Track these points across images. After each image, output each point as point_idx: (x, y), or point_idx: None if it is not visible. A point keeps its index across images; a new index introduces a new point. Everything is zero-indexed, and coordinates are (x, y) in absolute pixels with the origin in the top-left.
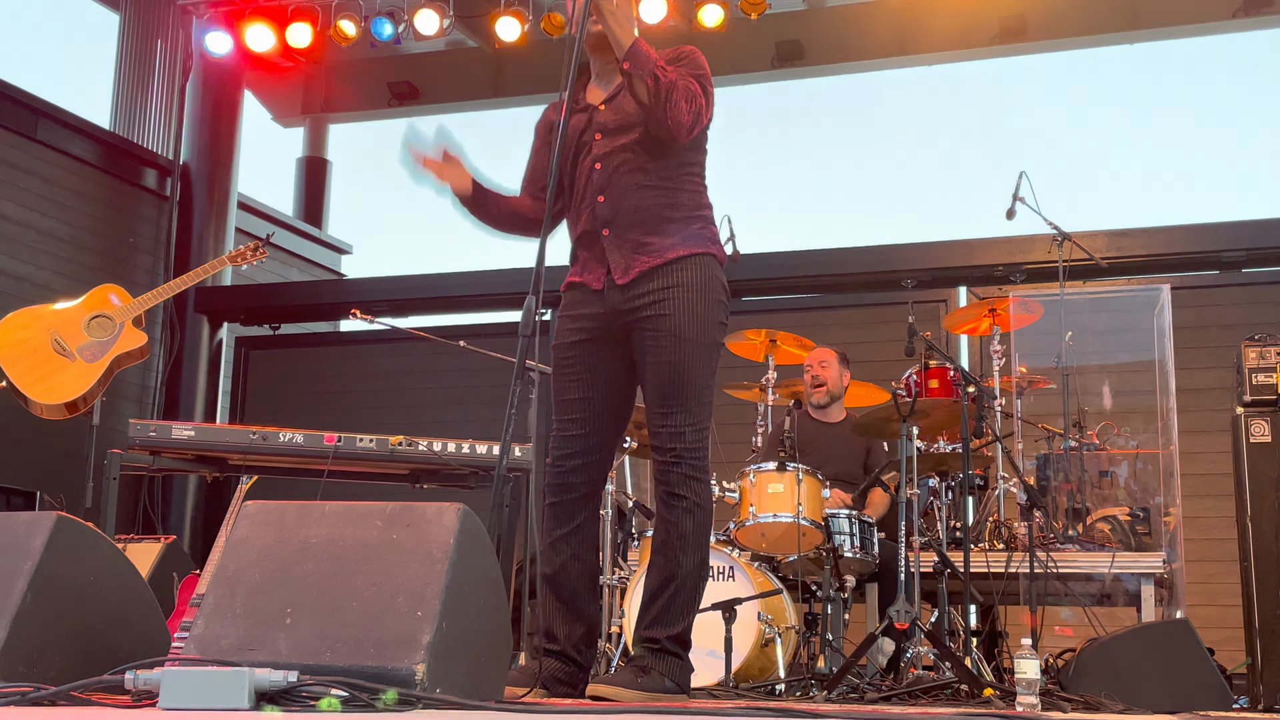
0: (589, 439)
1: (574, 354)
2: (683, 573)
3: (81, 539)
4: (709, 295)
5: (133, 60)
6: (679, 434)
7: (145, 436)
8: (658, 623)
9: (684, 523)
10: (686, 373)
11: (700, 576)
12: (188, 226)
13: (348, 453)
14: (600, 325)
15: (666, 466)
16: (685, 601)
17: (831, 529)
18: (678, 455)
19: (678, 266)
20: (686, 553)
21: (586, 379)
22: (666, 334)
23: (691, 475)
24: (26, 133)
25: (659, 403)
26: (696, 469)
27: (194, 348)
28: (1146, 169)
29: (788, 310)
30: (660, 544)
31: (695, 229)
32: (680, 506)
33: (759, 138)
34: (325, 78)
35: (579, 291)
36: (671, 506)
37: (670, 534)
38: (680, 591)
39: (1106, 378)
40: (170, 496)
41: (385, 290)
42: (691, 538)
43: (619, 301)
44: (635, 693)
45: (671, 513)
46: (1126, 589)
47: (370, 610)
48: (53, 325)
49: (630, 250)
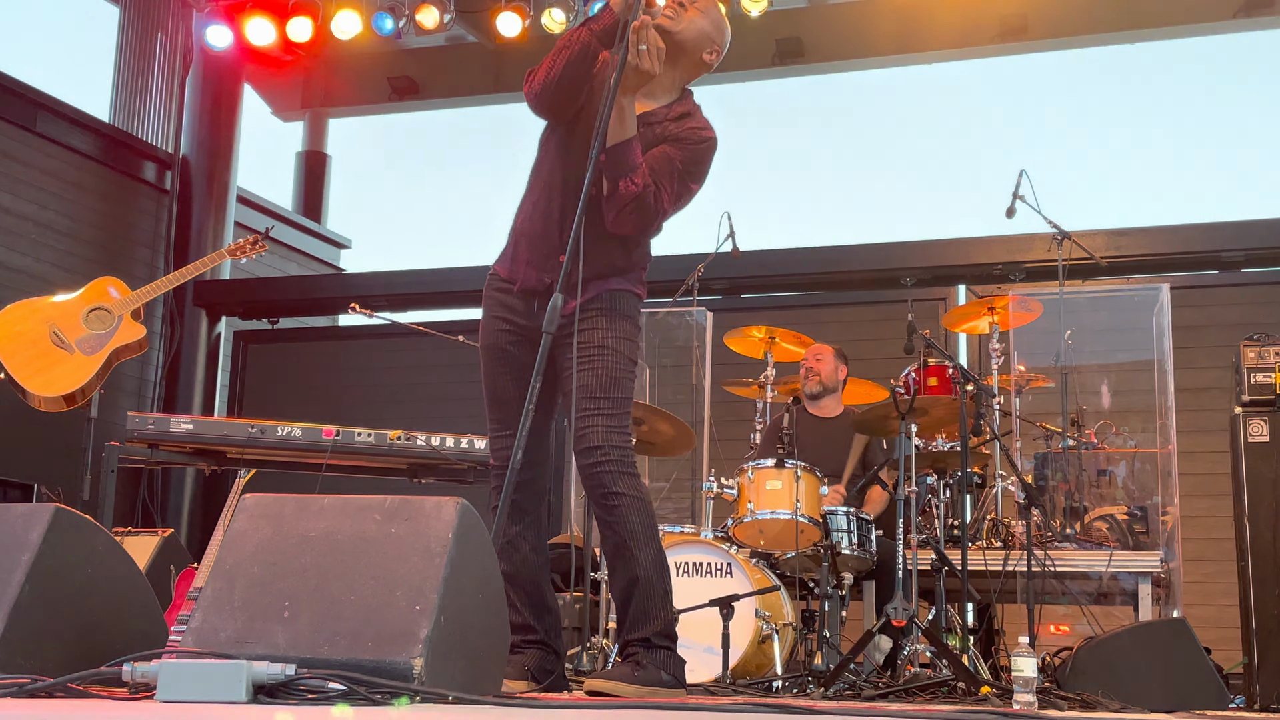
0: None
1: (507, 353)
2: (644, 570)
3: (79, 531)
4: (627, 323)
5: (132, 53)
6: (606, 433)
7: (143, 429)
8: (638, 624)
9: (630, 520)
10: (612, 377)
11: (662, 567)
12: (187, 220)
13: (346, 447)
14: (528, 330)
15: (597, 466)
16: (656, 597)
17: (829, 526)
18: (607, 454)
19: (606, 298)
20: (642, 549)
21: (511, 379)
22: (594, 346)
23: (625, 472)
24: (26, 125)
25: (585, 406)
26: (627, 464)
27: (193, 341)
28: (1146, 168)
29: (787, 308)
30: (613, 548)
31: (635, 274)
32: (621, 504)
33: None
34: (325, 72)
35: (508, 291)
36: (612, 507)
37: (620, 534)
38: (648, 588)
39: (1105, 377)
40: (168, 489)
41: (384, 285)
42: (642, 533)
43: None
44: (634, 686)
45: (613, 514)
46: (1124, 588)
47: (368, 604)
48: (51, 318)
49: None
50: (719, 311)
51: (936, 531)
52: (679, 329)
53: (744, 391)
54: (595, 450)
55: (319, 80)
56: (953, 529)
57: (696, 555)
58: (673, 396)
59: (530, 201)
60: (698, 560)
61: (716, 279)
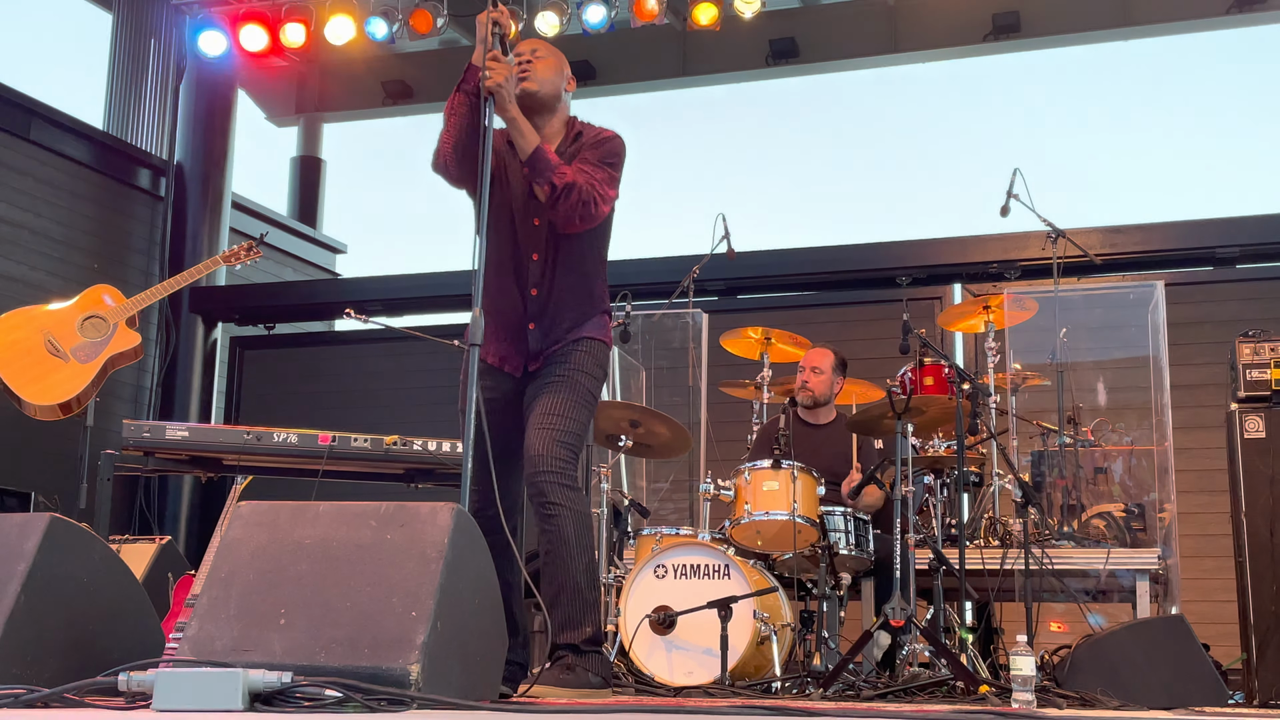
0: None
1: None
2: (573, 578)
3: (75, 540)
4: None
5: (126, 60)
6: (551, 446)
7: (139, 437)
8: (565, 629)
9: (565, 529)
10: (565, 400)
11: (593, 576)
12: (182, 226)
13: (343, 452)
14: (510, 397)
15: (537, 475)
16: (584, 603)
17: (827, 526)
18: (548, 465)
19: (575, 347)
20: (573, 558)
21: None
22: (556, 376)
23: (564, 483)
24: (20, 133)
25: (536, 422)
26: (567, 477)
27: (188, 348)
28: (1140, 165)
29: (782, 308)
30: (546, 554)
31: (598, 319)
32: (557, 514)
33: (753, 135)
34: (319, 77)
35: (493, 372)
36: (549, 515)
37: (554, 542)
38: (577, 595)
39: (1101, 374)
40: (166, 497)
41: (380, 290)
42: (574, 542)
43: (523, 378)
44: (565, 690)
45: (550, 522)
46: (1122, 585)
47: (364, 610)
48: (46, 326)
49: (547, 340)
50: (715, 313)
51: (934, 531)
52: (675, 331)
53: (740, 393)
54: (537, 459)
55: (313, 85)
56: (950, 528)
57: (694, 557)
58: (669, 398)
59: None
60: (695, 562)
61: (712, 280)
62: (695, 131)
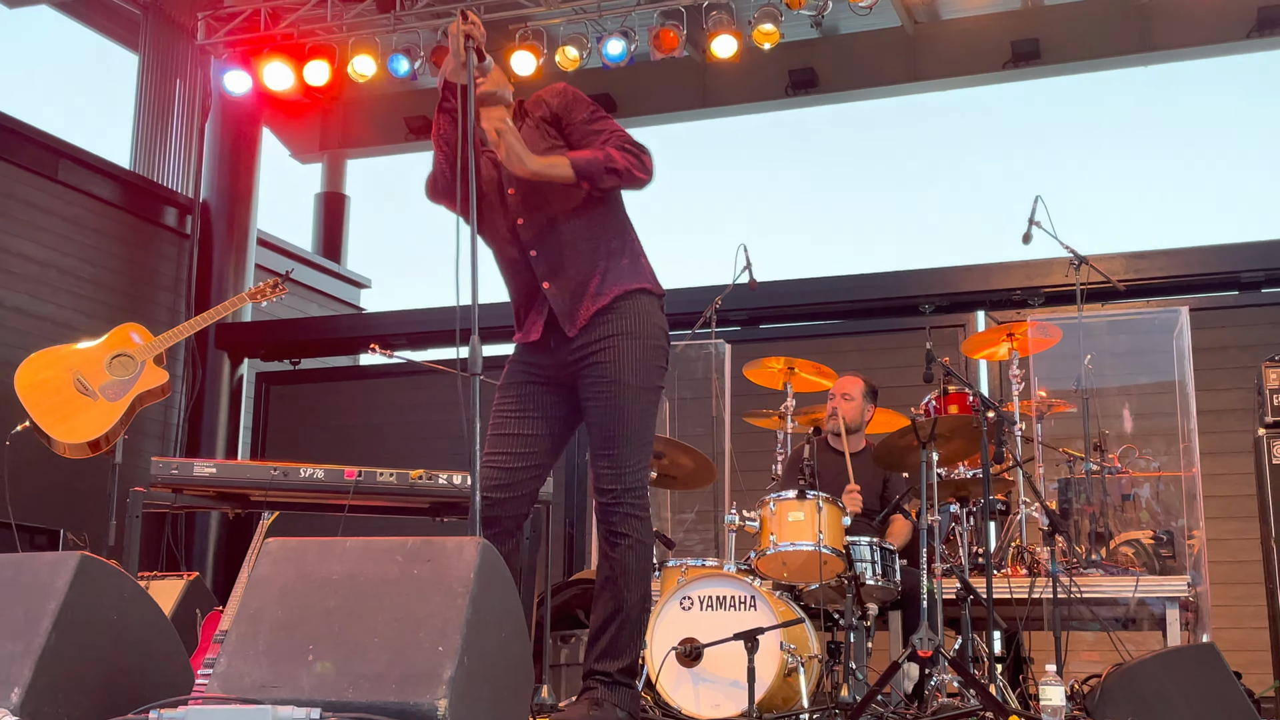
0: (518, 474)
1: (519, 393)
2: (628, 607)
3: (105, 578)
4: (648, 342)
5: (152, 100)
6: (619, 475)
7: (167, 474)
8: (607, 656)
9: (628, 559)
10: (626, 417)
11: (644, 610)
12: (208, 264)
13: (368, 487)
14: (549, 374)
15: (609, 506)
16: (631, 634)
17: (853, 556)
18: (618, 495)
19: (618, 311)
20: (631, 588)
21: (528, 417)
22: (609, 381)
23: (632, 514)
24: (48, 174)
25: (601, 445)
26: (638, 507)
27: (215, 384)
28: (1162, 190)
29: (805, 337)
30: (605, 580)
31: (625, 264)
32: (623, 544)
33: (774, 166)
34: (342, 114)
35: (527, 347)
36: (615, 544)
37: (615, 570)
38: (626, 625)
39: (1126, 400)
40: (193, 533)
41: (404, 324)
42: (635, 573)
43: (565, 352)
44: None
45: (615, 550)
46: (1152, 613)
47: (392, 646)
48: (75, 365)
49: (571, 299)
50: (737, 343)
51: (961, 560)
52: (698, 362)
53: (764, 423)
54: (608, 492)
55: (336, 122)
56: (977, 557)
57: (720, 589)
58: (693, 429)
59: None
60: (721, 594)
61: (734, 311)
62: (716, 162)
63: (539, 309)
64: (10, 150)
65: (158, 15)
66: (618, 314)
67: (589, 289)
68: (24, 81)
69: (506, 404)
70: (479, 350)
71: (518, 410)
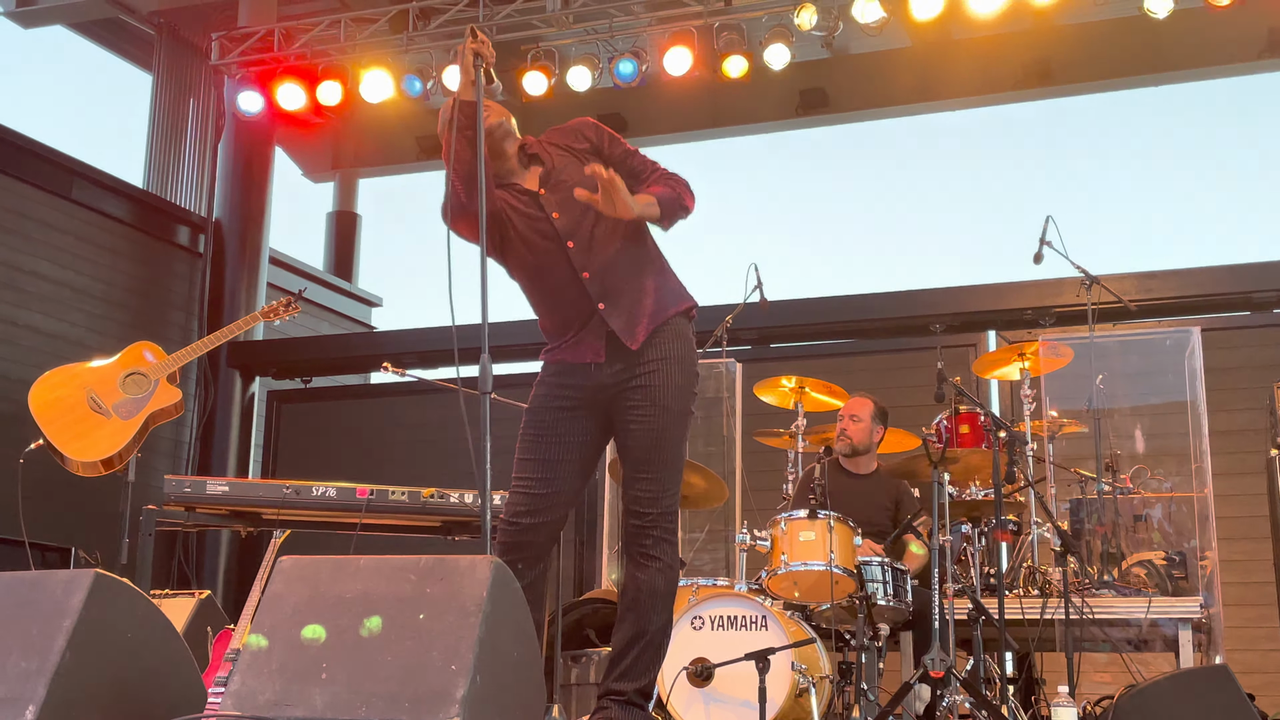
0: (549, 499)
1: (550, 419)
2: (652, 630)
3: (119, 596)
4: (687, 367)
5: (166, 120)
6: (655, 498)
7: (180, 493)
8: (626, 676)
9: (656, 582)
10: (666, 441)
11: (666, 634)
12: (220, 282)
13: (380, 506)
14: (586, 396)
15: (642, 529)
16: (652, 657)
17: (864, 577)
18: (653, 519)
19: (666, 334)
20: (657, 611)
21: (558, 443)
22: (650, 404)
23: (664, 538)
24: (62, 193)
25: (638, 468)
26: (669, 531)
27: (226, 402)
28: (1174, 210)
29: (816, 357)
30: (631, 601)
31: (671, 284)
32: (653, 567)
33: (785, 185)
34: (354, 133)
35: (565, 366)
36: (644, 566)
37: (642, 592)
38: (649, 648)
39: (1138, 420)
40: (204, 551)
41: (415, 342)
42: (662, 597)
43: (609, 374)
44: None
45: (644, 572)
46: (1164, 634)
47: (404, 664)
48: (88, 383)
49: (628, 315)
50: (748, 362)
51: (973, 580)
52: (709, 380)
53: (775, 442)
54: (644, 515)
55: (349, 142)
56: (989, 577)
57: (731, 609)
58: (704, 448)
59: (544, 303)
60: (733, 614)
61: (745, 330)
62: (727, 182)
63: (595, 331)
64: (25, 169)
65: (172, 36)
66: (664, 337)
67: (645, 307)
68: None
69: (535, 429)
70: (489, 369)
71: (547, 436)
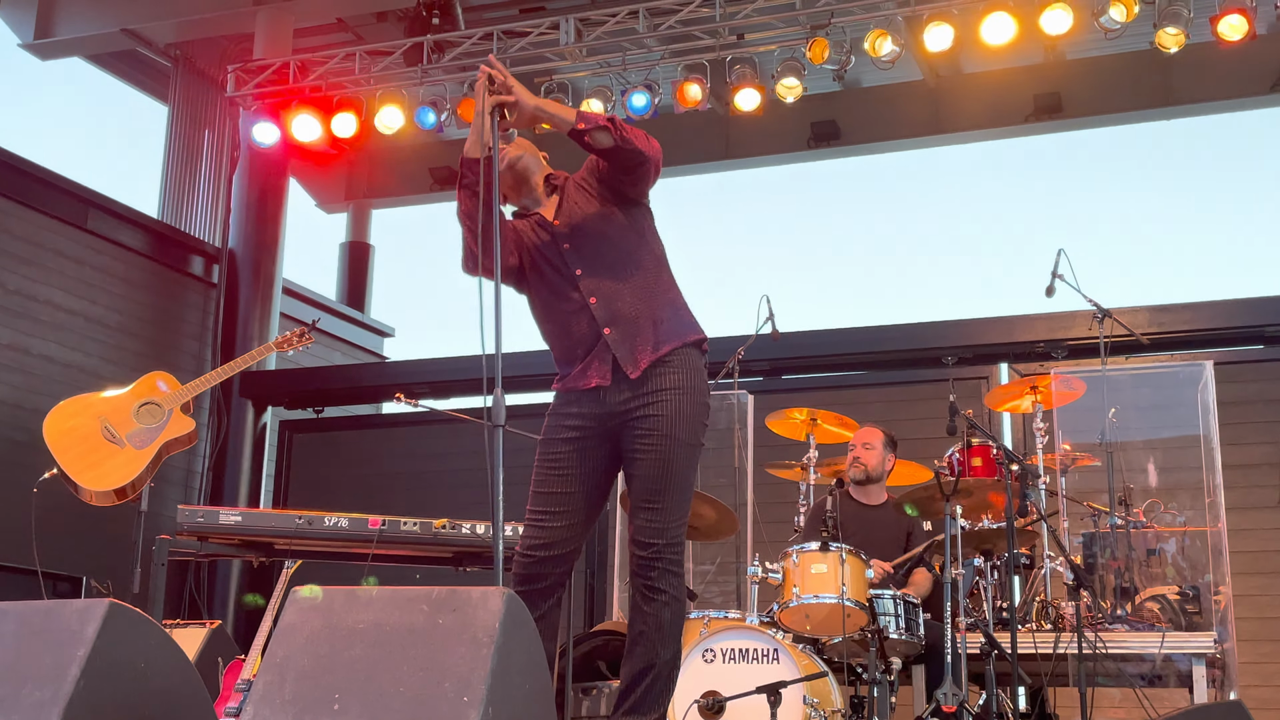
0: (566, 531)
1: (563, 450)
2: (660, 663)
3: (133, 626)
4: (697, 398)
5: (181, 151)
6: (662, 530)
7: (193, 522)
8: (635, 710)
9: (663, 615)
10: (673, 472)
11: (675, 666)
12: (234, 313)
13: (392, 536)
14: (595, 425)
15: (648, 561)
16: (661, 690)
17: (876, 610)
18: (659, 551)
19: (673, 364)
20: (665, 644)
21: (572, 474)
22: (658, 435)
23: (670, 570)
24: (77, 223)
25: (645, 498)
26: (675, 564)
27: (239, 432)
28: (1186, 244)
29: (828, 388)
30: (638, 634)
31: (682, 315)
32: (659, 600)
33: (797, 217)
34: (368, 164)
35: (574, 394)
36: (651, 599)
37: (649, 625)
38: (657, 681)
39: (1151, 454)
40: (215, 580)
41: (427, 372)
42: (669, 630)
43: (617, 402)
44: None
45: (650, 605)
46: (1178, 669)
47: (417, 696)
48: (102, 412)
49: (633, 343)
50: (760, 394)
51: (985, 614)
52: (720, 412)
53: (787, 474)
54: (649, 546)
55: (362, 173)
56: (1001, 611)
57: (742, 641)
58: (715, 480)
59: (555, 331)
60: (744, 646)
61: (757, 361)
62: (739, 213)
63: (601, 356)
64: (40, 200)
65: (188, 67)
66: (672, 368)
67: (650, 337)
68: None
69: (547, 461)
70: (502, 401)
71: (559, 467)
